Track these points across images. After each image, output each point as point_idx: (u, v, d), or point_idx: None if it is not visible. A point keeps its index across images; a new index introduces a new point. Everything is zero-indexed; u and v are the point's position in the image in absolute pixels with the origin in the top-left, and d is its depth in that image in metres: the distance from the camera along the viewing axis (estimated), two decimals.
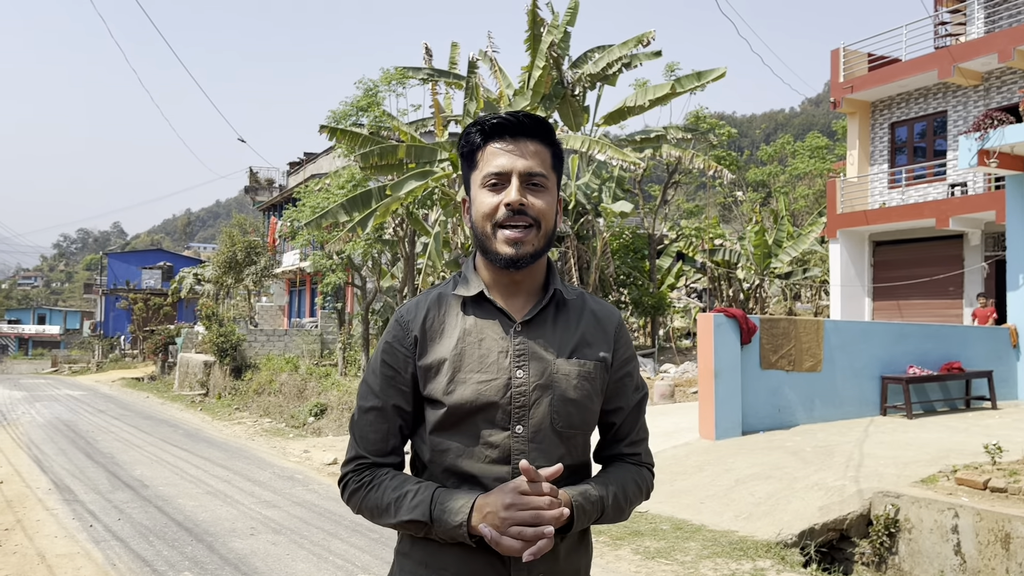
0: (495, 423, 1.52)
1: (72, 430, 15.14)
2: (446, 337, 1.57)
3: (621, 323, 1.69)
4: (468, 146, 1.62)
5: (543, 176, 1.56)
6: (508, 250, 1.52)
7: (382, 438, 1.57)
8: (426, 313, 1.60)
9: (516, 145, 1.56)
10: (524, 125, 1.57)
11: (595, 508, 1.53)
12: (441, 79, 18.29)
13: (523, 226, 1.52)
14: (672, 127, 20.36)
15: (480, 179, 1.58)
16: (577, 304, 1.65)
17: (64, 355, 57.35)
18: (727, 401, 9.16)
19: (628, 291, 20.38)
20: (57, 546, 6.44)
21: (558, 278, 1.65)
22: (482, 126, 1.59)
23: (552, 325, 1.59)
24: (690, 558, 5.90)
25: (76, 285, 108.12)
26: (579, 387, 1.56)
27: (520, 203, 1.51)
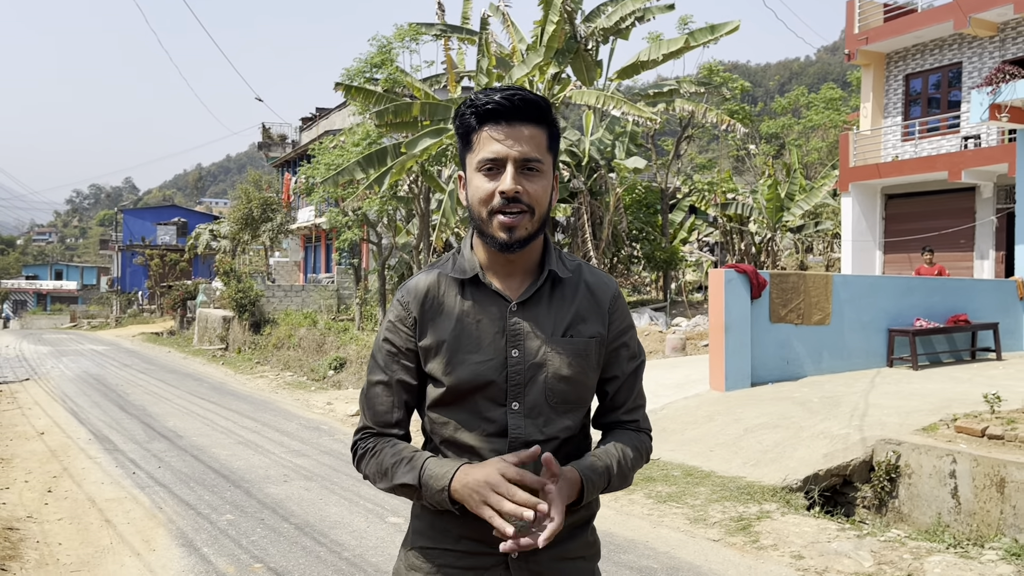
0: (493, 400, 1.59)
1: (102, 383, 15.64)
2: (444, 319, 1.63)
3: (616, 295, 1.73)
4: (463, 127, 1.62)
5: (538, 161, 1.57)
6: (502, 236, 1.56)
7: (387, 410, 1.66)
8: (425, 295, 1.65)
9: (511, 130, 1.56)
10: (519, 109, 1.56)
11: (601, 479, 1.60)
12: (454, 35, 18.31)
13: (517, 212, 1.55)
14: (685, 80, 20.34)
15: (475, 163, 1.59)
16: (573, 280, 1.68)
17: (82, 310, 58.20)
18: (737, 354, 9.46)
19: (640, 246, 20.58)
20: (105, 491, 6.88)
21: (554, 256, 1.68)
22: (476, 108, 1.58)
23: (547, 304, 1.64)
24: (699, 502, 6.25)
25: (91, 241, 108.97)
26: (573, 364, 1.62)
27: (515, 191, 1.54)
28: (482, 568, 1.61)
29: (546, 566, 1.62)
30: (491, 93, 1.58)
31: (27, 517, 6.08)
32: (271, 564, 5.00)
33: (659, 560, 4.98)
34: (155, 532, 5.71)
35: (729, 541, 5.37)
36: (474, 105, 1.59)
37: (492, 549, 1.56)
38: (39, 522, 5.96)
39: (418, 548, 1.68)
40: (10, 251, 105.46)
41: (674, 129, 21.65)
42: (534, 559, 1.60)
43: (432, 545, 1.66)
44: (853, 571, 4.69)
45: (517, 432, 1.59)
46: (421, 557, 1.67)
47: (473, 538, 1.60)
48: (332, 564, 4.98)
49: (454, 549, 1.63)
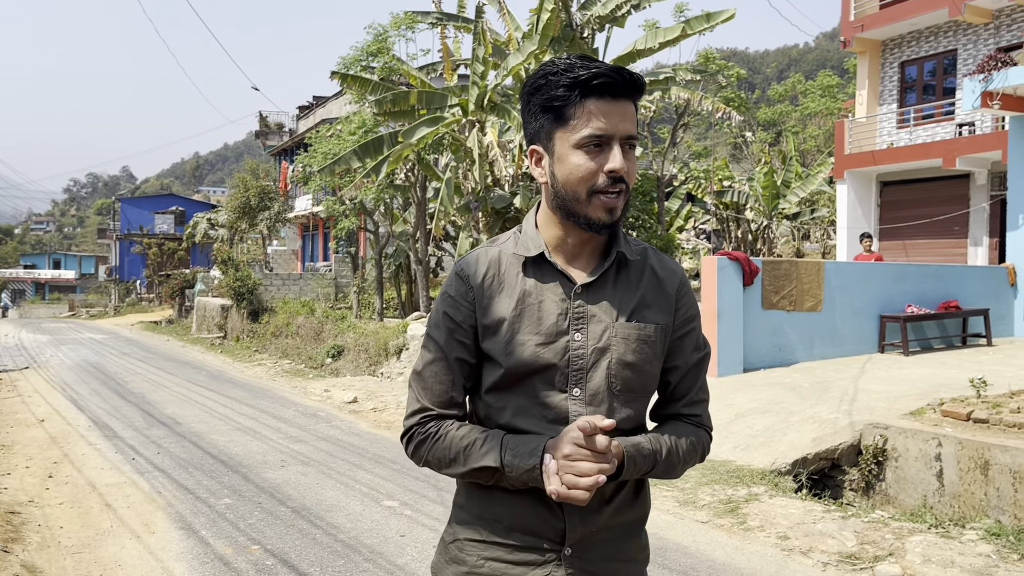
0: (553, 385, 1.52)
1: (101, 372, 15.74)
2: (505, 297, 1.56)
3: (684, 282, 1.66)
4: (558, 99, 1.50)
5: (636, 138, 1.52)
6: (604, 217, 1.49)
7: (446, 389, 1.58)
8: (486, 270, 1.59)
9: (618, 106, 1.48)
10: (627, 83, 1.49)
11: (646, 461, 1.52)
12: (450, 23, 18.32)
13: (617, 193, 1.49)
14: (681, 67, 20.36)
15: (575, 139, 1.49)
16: (639, 264, 1.61)
17: (81, 299, 58.28)
18: (729, 340, 9.56)
19: (637, 233, 20.67)
20: (105, 476, 6.98)
21: (622, 239, 1.61)
22: (577, 80, 1.48)
23: (612, 287, 1.57)
24: (690, 485, 6.37)
25: (88, 230, 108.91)
26: (637, 350, 1.55)
27: (624, 171, 1.47)
28: (534, 564, 1.53)
29: (600, 566, 1.56)
30: (587, 64, 1.48)
31: (28, 501, 6.18)
32: (268, 546, 5.11)
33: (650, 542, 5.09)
34: (154, 516, 5.82)
35: (717, 523, 5.49)
36: (575, 76, 1.47)
37: (546, 543, 1.52)
38: (40, 506, 6.07)
39: (462, 540, 1.60)
40: (8, 240, 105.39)
41: (670, 117, 21.68)
42: (587, 557, 1.54)
43: (479, 538, 1.57)
44: (836, 551, 4.81)
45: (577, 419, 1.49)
46: (465, 550, 1.58)
47: (526, 531, 1.53)
48: (328, 546, 5.09)
49: (504, 542, 1.55)
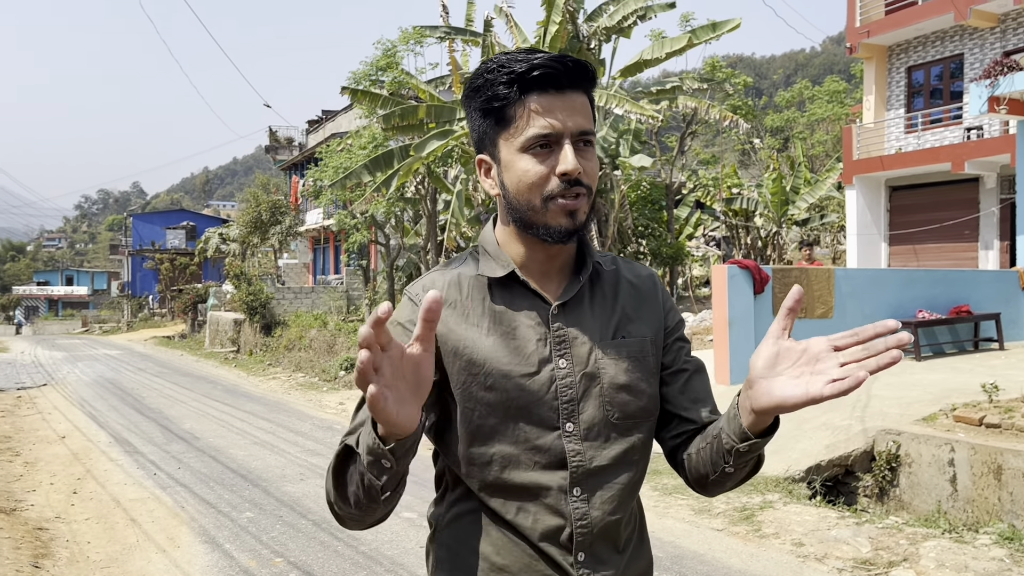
0: (542, 423, 1.32)
1: (118, 388, 15.91)
2: (472, 326, 1.35)
3: (660, 285, 1.49)
4: (497, 99, 1.32)
5: (592, 134, 1.33)
6: (566, 222, 1.30)
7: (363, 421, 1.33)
8: (445, 295, 1.38)
9: (565, 100, 1.30)
10: (572, 72, 1.30)
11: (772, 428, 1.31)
12: (458, 37, 18.50)
13: (579, 195, 1.31)
14: (688, 76, 20.48)
15: (520, 142, 1.31)
16: (611, 276, 1.44)
17: (94, 315, 58.70)
18: (741, 348, 9.62)
19: (647, 242, 20.75)
20: (128, 492, 7.10)
21: (592, 249, 1.44)
22: (514, 75, 1.29)
23: (589, 304, 1.40)
24: None
25: (100, 246, 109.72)
26: (630, 369, 1.37)
27: (579, 171, 1.28)
28: None
29: None
30: (527, 57, 1.29)
31: (55, 517, 6.31)
32: (291, 558, 5.21)
33: (664, 550, 5.17)
34: (179, 530, 5.93)
35: (732, 530, 5.56)
36: (511, 71, 1.29)
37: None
38: (67, 522, 6.19)
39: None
40: (21, 257, 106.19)
41: (678, 125, 21.80)
42: None
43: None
44: (851, 557, 4.87)
45: (578, 460, 1.32)
46: None
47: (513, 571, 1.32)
48: (349, 558, 5.18)
49: None
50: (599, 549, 1.33)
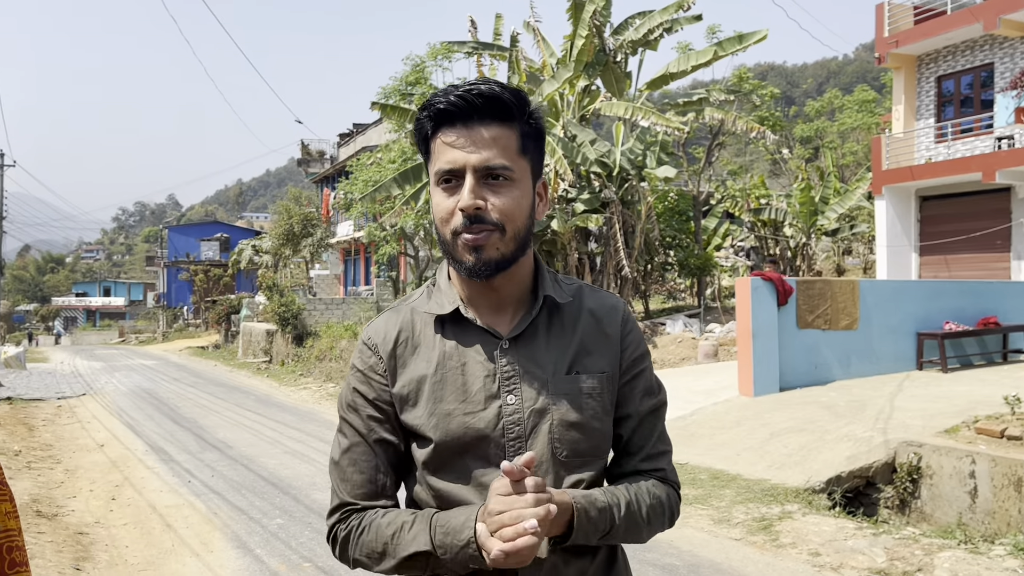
0: (488, 460, 1.32)
1: (154, 397, 16.30)
2: (421, 363, 1.38)
3: (626, 317, 1.46)
4: (419, 134, 1.37)
5: (505, 168, 1.30)
6: (470, 258, 1.30)
7: (368, 479, 1.36)
8: (397, 335, 1.41)
9: (468, 134, 1.30)
10: (475, 106, 1.30)
11: (602, 517, 1.29)
12: (485, 52, 18.76)
13: (485, 231, 1.30)
14: (715, 88, 20.54)
15: (433, 176, 1.35)
16: (573, 307, 1.42)
17: (130, 326, 59.83)
18: (764, 360, 9.68)
19: (674, 253, 20.80)
20: (164, 499, 7.35)
21: (548, 280, 1.42)
22: (428, 111, 1.33)
23: (545, 337, 1.39)
24: (724, 503, 6.52)
25: (137, 257, 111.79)
26: (582, 407, 1.35)
27: (476, 207, 1.28)
28: None
29: None
30: (449, 91, 1.33)
31: (95, 523, 6.56)
32: (319, 564, 5.39)
33: (682, 558, 5.27)
34: (212, 535, 6.14)
35: (750, 540, 5.64)
36: (427, 106, 1.34)
37: None
38: (106, 527, 6.44)
39: None
40: (60, 269, 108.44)
41: (705, 136, 21.85)
42: None
43: None
44: (866, 567, 4.94)
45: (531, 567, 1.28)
46: None
47: None
48: None
49: None
50: None
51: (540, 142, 1.39)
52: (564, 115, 17.88)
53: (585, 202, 17.01)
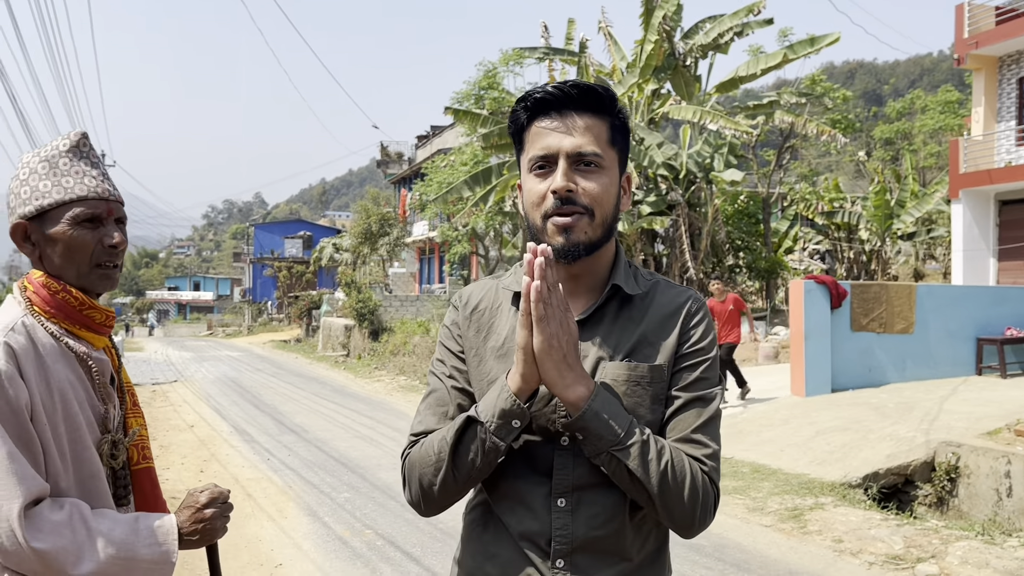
0: (539, 433, 1.38)
1: (239, 386, 17.37)
2: (493, 334, 1.48)
3: (693, 312, 1.47)
4: (514, 126, 1.46)
5: (596, 155, 1.38)
6: (558, 239, 1.37)
7: (438, 420, 1.46)
8: (478, 302, 1.53)
9: (563, 121, 1.39)
10: (571, 97, 1.39)
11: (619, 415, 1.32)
12: (556, 56, 19.25)
13: (572, 214, 1.37)
14: (786, 91, 20.53)
15: (526, 163, 1.43)
16: (644, 299, 1.46)
17: (218, 319, 62.30)
18: (816, 361, 9.89)
19: (743, 255, 20.88)
20: (246, 472, 8.11)
21: (623, 270, 1.47)
22: (526, 102, 1.43)
23: (611, 324, 1.44)
24: (761, 495, 6.86)
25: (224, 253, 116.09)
26: (628, 392, 1.38)
27: (568, 189, 1.35)
28: None
29: None
30: (545, 86, 1.43)
31: (185, 490, 7.33)
32: (380, 531, 5.99)
33: (710, 539, 5.66)
34: (286, 504, 6.83)
35: (779, 527, 5.99)
36: (524, 99, 1.43)
37: None
38: None
39: None
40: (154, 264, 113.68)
41: (776, 140, 21.82)
42: None
43: None
44: (884, 552, 5.25)
45: (564, 473, 1.38)
46: None
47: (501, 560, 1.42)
48: (429, 532, 5.92)
49: None
50: (581, 560, 1.37)
51: (626, 137, 1.47)
52: (633, 118, 18.22)
53: (651, 204, 17.32)
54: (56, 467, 1.60)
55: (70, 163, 1.69)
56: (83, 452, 1.65)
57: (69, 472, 1.62)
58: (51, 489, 1.58)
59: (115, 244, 1.68)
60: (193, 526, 1.69)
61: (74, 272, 1.67)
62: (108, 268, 1.71)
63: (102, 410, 1.71)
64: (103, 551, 1.54)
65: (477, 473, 1.37)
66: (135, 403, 1.87)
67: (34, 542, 1.49)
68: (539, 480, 1.39)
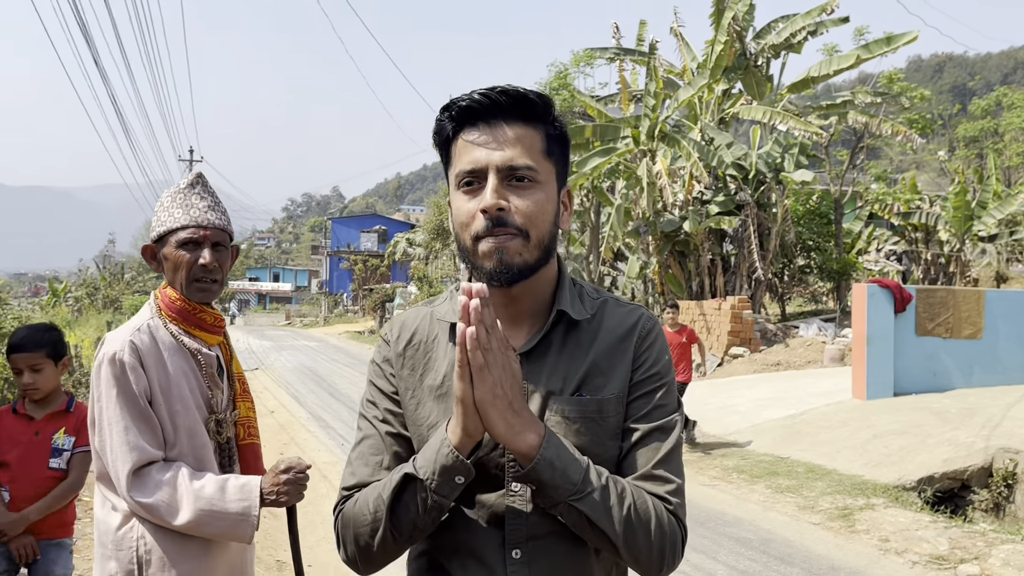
0: (486, 481, 1.27)
1: (315, 374, 18.15)
2: (430, 371, 1.35)
3: (644, 334, 1.36)
4: (440, 136, 1.32)
5: (530, 168, 1.26)
6: (491, 263, 1.25)
7: (372, 471, 1.32)
8: (411, 335, 1.39)
9: (491, 132, 1.26)
10: (500, 105, 1.26)
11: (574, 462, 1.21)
12: (627, 57, 19.44)
13: (504, 235, 1.25)
14: (860, 90, 20.24)
15: (454, 178, 1.30)
16: (592, 324, 1.36)
17: (295, 310, 64.14)
18: (878, 364, 9.93)
19: (814, 256, 20.69)
20: (322, 456, 8.66)
21: (568, 293, 1.37)
22: (451, 111, 1.30)
23: (557, 355, 1.33)
24: (814, 494, 7.03)
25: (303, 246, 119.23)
26: (582, 431, 1.28)
27: (498, 207, 1.24)
28: None
29: None
30: (471, 92, 1.29)
31: None
32: None
33: (758, 534, 5.90)
34: None
35: (827, 525, 6.18)
36: (448, 107, 1.30)
37: None
38: None
39: None
40: None
41: (852, 138, 21.50)
42: None
43: None
44: (928, 553, 5.40)
45: (517, 523, 1.27)
46: None
47: None
48: None
49: None
50: None
51: (565, 148, 1.35)
52: (702, 118, 18.27)
53: (719, 204, 17.37)
54: (171, 438, 2.06)
55: (184, 198, 2.15)
56: (194, 427, 2.10)
57: (183, 443, 2.08)
58: (166, 455, 2.04)
59: (205, 264, 2.11)
60: (272, 487, 2.10)
61: (178, 284, 2.12)
62: (204, 282, 2.14)
63: (209, 395, 2.15)
64: (195, 504, 1.98)
65: (419, 532, 1.26)
66: (244, 389, 2.31)
67: (138, 497, 1.97)
68: (490, 531, 1.28)
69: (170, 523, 1.98)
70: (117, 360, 1.99)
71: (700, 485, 7.44)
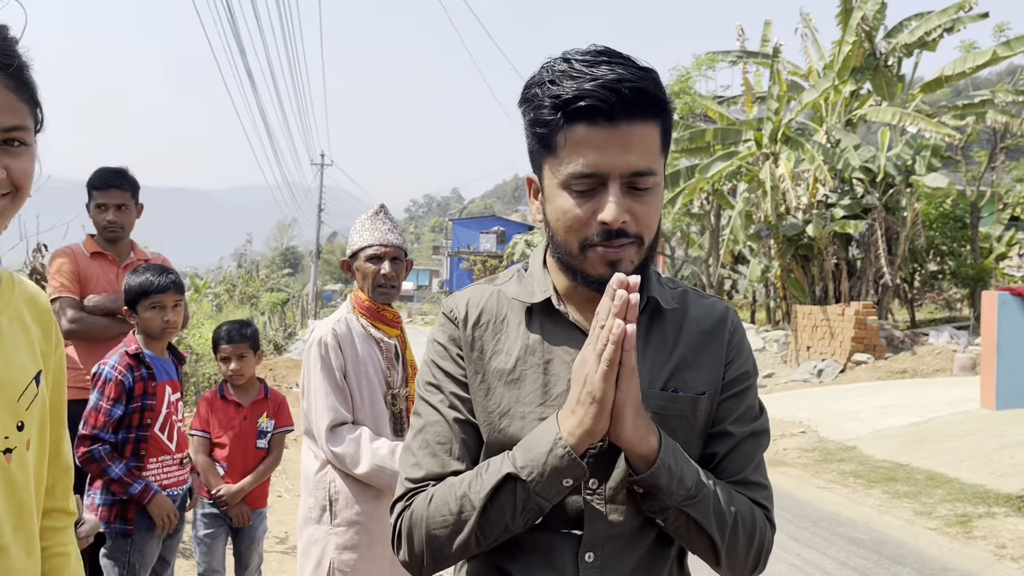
0: None
1: None
2: (501, 353, 1.26)
3: (735, 328, 1.31)
4: (541, 124, 1.17)
5: (651, 173, 1.16)
6: (605, 272, 1.16)
7: (443, 461, 1.23)
8: (479, 313, 1.29)
9: (615, 134, 1.13)
10: (628, 102, 1.12)
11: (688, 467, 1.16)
12: (750, 59, 19.31)
13: (624, 244, 1.17)
14: (1000, 88, 19.33)
15: (561, 177, 1.17)
16: (677, 314, 1.29)
17: (416, 308, 66.15)
18: (1009, 374, 9.67)
19: (948, 261, 19.93)
20: None
21: (654, 280, 1.29)
22: (557, 99, 1.14)
23: (643, 344, 1.24)
24: (932, 500, 7.06)
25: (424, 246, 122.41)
26: (673, 429, 1.21)
27: (623, 222, 1.15)
28: None
29: None
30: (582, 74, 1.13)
31: None
32: None
33: (871, 535, 6.04)
34: None
35: (944, 531, 6.23)
36: (556, 95, 1.14)
37: None
38: None
39: None
40: None
41: (991, 139, 20.53)
42: None
43: None
44: None
45: (596, 522, 1.20)
46: None
47: None
48: None
49: None
50: None
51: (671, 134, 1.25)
52: (828, 120, 17.96)
53: (845, 207, 17.05)
54: (359, 404, 2.67)
55: (371, 223, 2.76)
56: (375, 399, 2.67)
57: (366, 411, 2.66)
58: (353, 419, 2.61)
59: (385, 274, 2.71)
60: None
61: (366, 289, 2.70)
62: (385, 288, 2.76)
63: (387, 374, 2.70)
64: (372, 460, 2.56)
65: (507, 536, 1.18)
66: (415, 372, 2.85)
67: (332, 447, 2.57)
68: (563, 533, 1.20)
69: (352, 471, 2.56)
70: (322, 342, 2.61)
71: (815, 488, 7.57)
